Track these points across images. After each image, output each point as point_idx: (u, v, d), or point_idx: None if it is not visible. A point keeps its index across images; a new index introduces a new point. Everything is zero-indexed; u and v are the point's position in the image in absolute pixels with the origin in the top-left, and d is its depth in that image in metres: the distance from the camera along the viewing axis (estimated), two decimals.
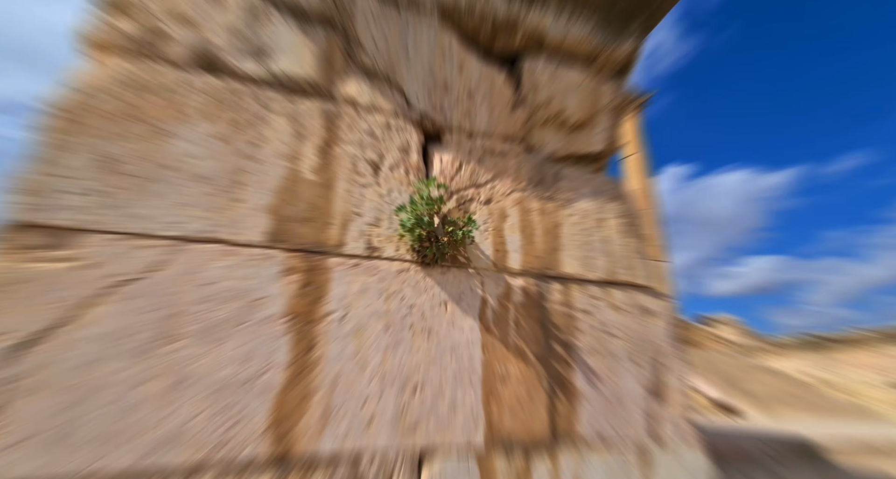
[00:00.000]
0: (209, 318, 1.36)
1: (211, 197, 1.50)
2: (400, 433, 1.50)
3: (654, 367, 2.02)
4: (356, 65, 1.96)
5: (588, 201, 2.22)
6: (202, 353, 1.32)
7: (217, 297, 1.39)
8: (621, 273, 2.14)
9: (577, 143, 2.41)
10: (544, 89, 2.36)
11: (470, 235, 1.74)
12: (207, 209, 1.48)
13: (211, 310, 1.37)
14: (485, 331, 1.76)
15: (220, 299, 1.40)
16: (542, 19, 2.40)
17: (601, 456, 1.76)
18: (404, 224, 1.66)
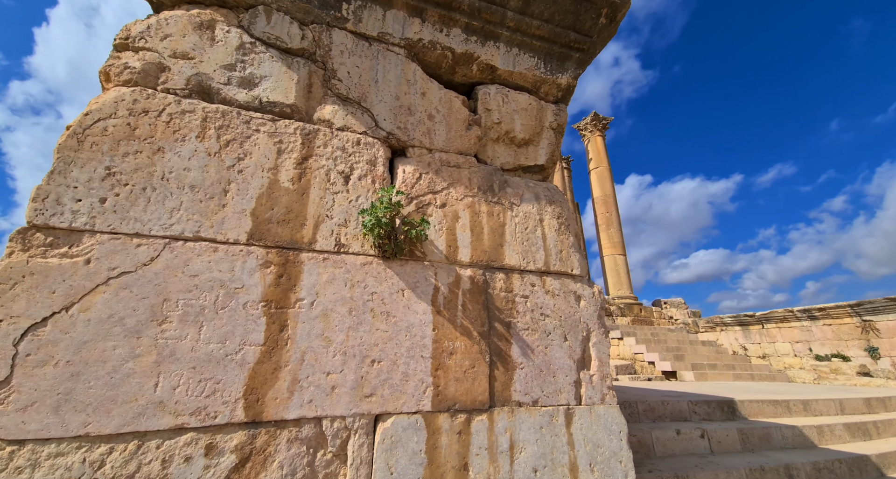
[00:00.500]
0: (194, 304, 1.36)
1: (200, 203, 1.49)
2: (359, 399, 1.50)
3: (581, 342, 2.02)
4: (332, 91, 1.94)
5: (530, 205, 2.22)
6: (186, 333, 1.32)
7: (202, 286, 1.39)
8: (556, 264, 2.14)
9: (524, 156, 2.40)
10: (496, 112, 2.35)
11: (423, 234, 1.73)
12: (196, 213, 1.47)
13: (196, 297, 1.37)
14: (436, 313, 1.76)
15: (204, 288, 1.39)
16: (494, 54, 2.40)
17: (532, 415, 1.76)
18: (366, 225, 1.66)
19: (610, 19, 2.57)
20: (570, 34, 2.55)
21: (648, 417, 4.34)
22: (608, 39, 2.76)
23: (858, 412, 5.25)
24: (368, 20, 2.11)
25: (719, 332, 17.24)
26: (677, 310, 22.89)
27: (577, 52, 2.62)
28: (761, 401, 4.86)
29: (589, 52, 2.67)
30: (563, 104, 2.66)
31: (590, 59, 2.76)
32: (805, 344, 13.89)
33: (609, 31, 2.67)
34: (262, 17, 1.89)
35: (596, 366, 2.00)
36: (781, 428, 4.18)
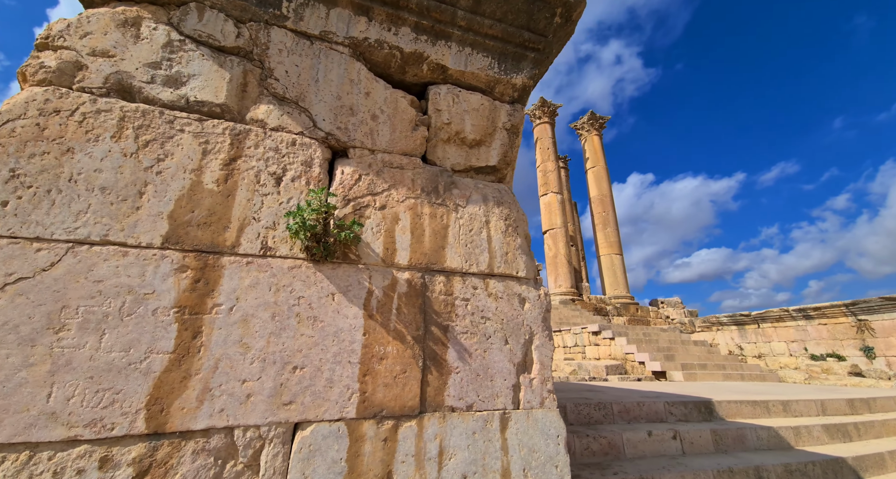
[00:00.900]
0: (96, 311, 1.32)
1: (111, 205, 1.45)
2: (276, 407, 1.46)
3: (522, 345, 1.99)
4: (269, 91, 1.91)
5: (476, 206, 2.18)
6: (85, 342, 1.28)
7: (106, 292, 1.35)
8: (501, 267, 2.10)
9: (475, 157, 2.36)
10: (445, 112, 2.31)
11: (351, 236, 1.70)
12: (106, 216, 1.43)
13: (99, 304, 1.33)
14: (368, 317, 1.72)
15: (109, 294, 1.35)
16: (445, 53, 2.37)
17: (465, 421, 1.73)
18: (290, 228, 1.62)
19: (565, 19, 2.54)
20: (524, 34, 2.52)
21: (623, 418, 4.31)
22: (566, 39, 2.73)
23: (841, 413, 5.22)
24: (311, 19, 2.08)
25: (715, 331, 17.21)
26: (674, 310, 22.90)
27: (532, 51, 2.59)
28: (740, 402, 4.83)
29: (545, 52, 2.64)
30: (520, 105, 2.62)
31: (547, 59, 2.73)
32: (800, 344, 13.86)
33: (565, 30, 2.63)
34: (194, 15, 1.85)
35: (537, 369, 1.97)
36: (757, 429, 4.14)
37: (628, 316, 20.13)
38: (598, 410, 4.29)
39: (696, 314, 23.20)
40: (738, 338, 16.03)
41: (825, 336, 13.19)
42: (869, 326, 12.42)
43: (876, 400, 5.59)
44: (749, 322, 15.72)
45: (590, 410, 4.25)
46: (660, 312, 21.95)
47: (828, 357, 12.54)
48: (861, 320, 12.61)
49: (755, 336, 15.40)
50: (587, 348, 12.21)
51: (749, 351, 15.27)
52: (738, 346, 15.94)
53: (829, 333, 13.16)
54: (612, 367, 9.99)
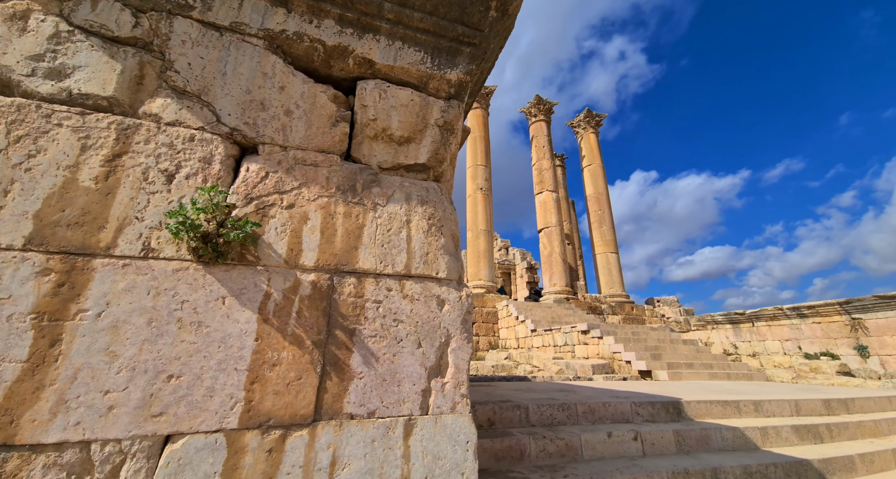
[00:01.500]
0: None
1: None
2: (143, 419, 1.38)
3: (437, 348, 1.91)
4: (168, 84, 1.82)
5: (397, 205, 2.10)
6: None
7: None
8: (419, 268, 2.02)
9: (403, 155, 2.28)
10: (371, 108, 2.23)
11: (239, 236, 1.61)
12: None
13: None
14: (263, 322, 1.64)
15: None
16: (373, 47, 2.28)
17: (364, 429, 1.65)
18: (170, 228, 1.54)
19: (501, 12, 2.46)
20: (458, 28, 2.43)
21: (588, 419, 4.24)
22: (505, 33, 2.65)
23: (816, 413, 5.13)
24: (220, 9, 1.99)
25: (710, 330, 17.13)
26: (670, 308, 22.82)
27: (467, 46, 2.50)
28: (710, 402, 4.75)
29: (482, 47, 2.55)
30: (457, 101, 2.53)
31: (486, 55, 2.65)
32: (795, 342, 13.78)
33: (503, 24, 2.55)
34: (87, 5, 1.77)
35: (451, 373, 1.89)
36: (722, 430, 4.06)
37: (623, 315, 20.06)
38: (561, 411, 4.21)
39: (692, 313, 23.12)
40: (733, 336, 15.95)
41: (819, 335, 13.11)
42: (863, 324, 12.33)
43: (854, 401, 5.50)
44: (744, 321, 15.64)
45: (553, 411, 4.17)
46: (655, 310, 21.89)
47: (822, 356, 12.46)
48: (855, 318, 12.52)
49: (750, 335, 15.33)
50: (576, 348, 12.13)
51: (744, 350, 15.20)
52: (732, 345, 15.87)
53: (823, 331, 13.07)
54: (598, 366, 9.91)
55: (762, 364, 13.71)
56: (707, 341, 16.95)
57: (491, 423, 3.90)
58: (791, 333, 13.94)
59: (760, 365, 13.71)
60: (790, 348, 13.81)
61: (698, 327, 17.72)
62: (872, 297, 12.16)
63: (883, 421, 4.94)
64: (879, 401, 5.70)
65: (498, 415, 3.95)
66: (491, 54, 2.81)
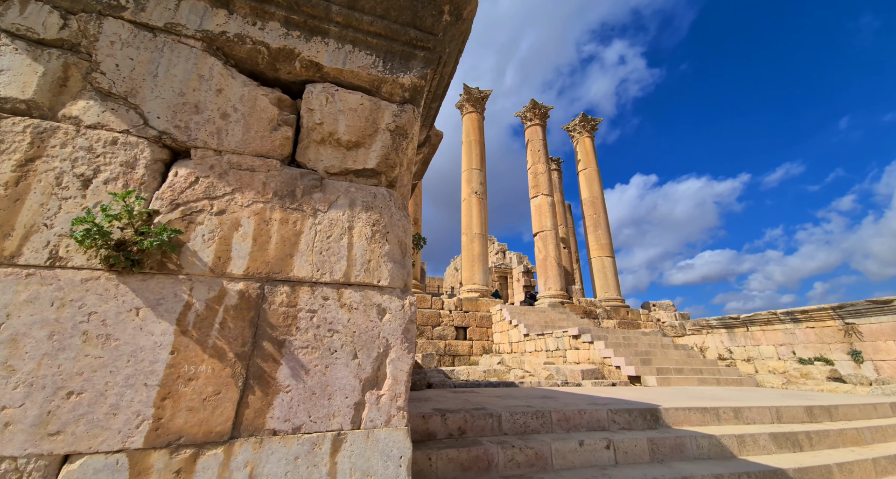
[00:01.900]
0: None
1: None
2: (40, 437, 1.30)
3: (375, 359, 1.83)
4: (93, 86, 1.76)
5: (340, 212, 2.03)
6: None
7: None
8: (360, 276, 1.94)
9: (352, 160, 2.21)
10: (318, 112, 2.16)
11: (153, 245, 1.54)
12: None
13: None
14: (181, 334, 1.56)
15: None
16: (321, 50, 2.22)
17: (287, 445, 1.57)
18: (76, 236, 1.47)
19: (455, 17, 2.40)
20: (411, 32, 2.38)
21: (562, 427, 4.15)
22: (462, 37, 2.59)
23: (798, 420, 5.03)
24: (155, 10, 1.93)
25: (705, 335, 17.03)
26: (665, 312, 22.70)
27: (422, 50, 2.45)
28: (689, 408, 4.66)
29: (437, 51, 2.50)
30: (412, 105, 2.47)
31: (444, 58, 2.60)
32: (789, 347, 13.68)
33: (459, 28, 2.49)
34: (16, 8, 1.72)
35: (388, 385, 1.81)
36: (697, 437, 3.97)
37: (618, 319, 19.95)
38: (535, 419, 4.12)
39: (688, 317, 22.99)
40: (728, 341, 15.85)
41: (813, 340, 13.01)
42: (856, 329, 12.23)
43: (838, 408, 5.40)
44: (738, 325, 15.55)
45: (526, 419, 4.09)
46: (651, 315, 21.77)
47: (816, 361, 12.36)
48: (849, 323, 12.43)
49: (744, 340, 15.23)
50: (568, 352, 12.03)
51: (738, 355, 15.09)
52: (727, 349, 15.76)
53: (816, 336, 12.97)
54: (587, 371, 9.80)
55: (757, 369, 13.61)
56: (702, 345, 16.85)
57: (462, 432, 3.81)
58: (785, 337, 13.84)
59: (755, 370, 13.62)
60: (784, 353, 13.71)
61: (693, 331, 17.62)
62: (865, 302, 12.07)
63: (866, 429, 4.84)
64: (864, 408, 5.60)
65: (469, 423, 3.87)
66: (449, 58, 2.75)
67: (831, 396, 7.14)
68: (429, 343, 15.34)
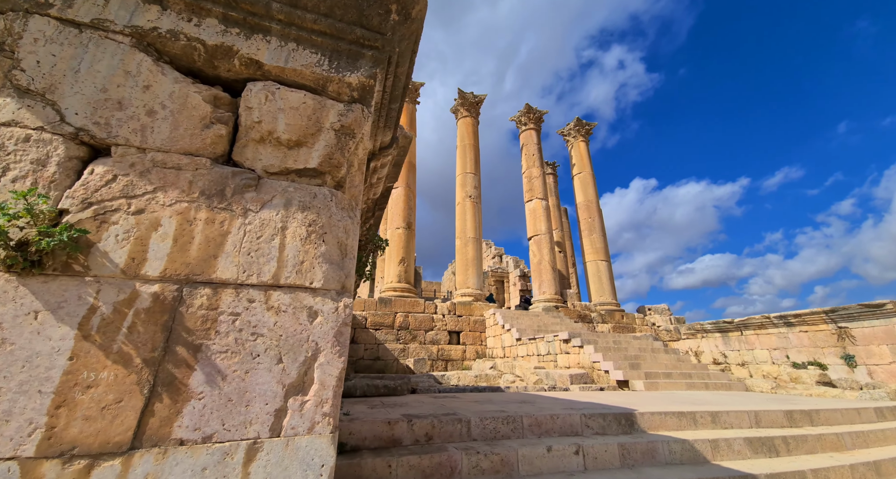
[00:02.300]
0: None
1: None
2: None
3: (301, 364, 1.75)
4: (12, 83, 1.69)
5: (273, 211, 1.96)
6: None
7: None
8: (291, 277, 1.87)
9: (293, 159, 2.14)
10: (256, 110, 2.10)
11: (49, 245, 1.46)
12: None
13: None
14: (83, 338, 1.48)
15: None
16: (261, 48, 2.17)
17: (194, 455, 1.49)
18: None
19: (403, 16, 2.35)
20: (357, 30, 2.32)
21: (534, 432, 4.06)
22: (413, 37, 2.53)
23: (777, 425, 4.94)
24: (83, 6, 1.87)
25: (700, 339, 16.92)
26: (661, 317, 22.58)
27: (370, 49, 2.40)
28: (665, 413, 4.57)
29: (386, 50, 2.44)
30: (361, 105, 2.40)
31: (395, 58, 2.56)
32: (783, 351, 13.58)
33: (409, 28, 2.44)
34: None
35: (315, 390, 1.73)
36: (670, 442, 3.88)
37: (613, 323, 19.83)
38: (506, 424, 4.03)
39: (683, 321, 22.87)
40: (723, 346, 15.73)
41: (807, 344, 12.91)
42: (849, 333, 12.13)
43: (819, 412, 5.31)
44: (732, 329, 15.44)
45: (497, 424, 4.00)
46: (646, 319, 21.67)
47: (809, 365, 12.25)
48: (841, 327, 12.33)
49: (738, 344, 15.11)
50: (559, 357, 11.93)
51: (733, 359, 14.99)
52: (722, 354, 15.65)
53: (810, 340, 12.87)
54: (576, 376, 9.71)
55: (751, 374, 13.50)
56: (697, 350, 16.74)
57: (429, 438, 3.72)
58: (779, 342, 13.74)
59: (749, 375, 13.51)
60: (779, 358, 13.61)
61: (688, 335, 17.51)
62: (857, 305, 11.98)
63: (846, 434, 4.74)
64: (847, 413, 5.51)
65: (437, 429, 3.78)
66: (402, 58, 2.69)
67: (817, 400, 7.03)
68: (421, 348, 15.23)
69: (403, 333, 15.39)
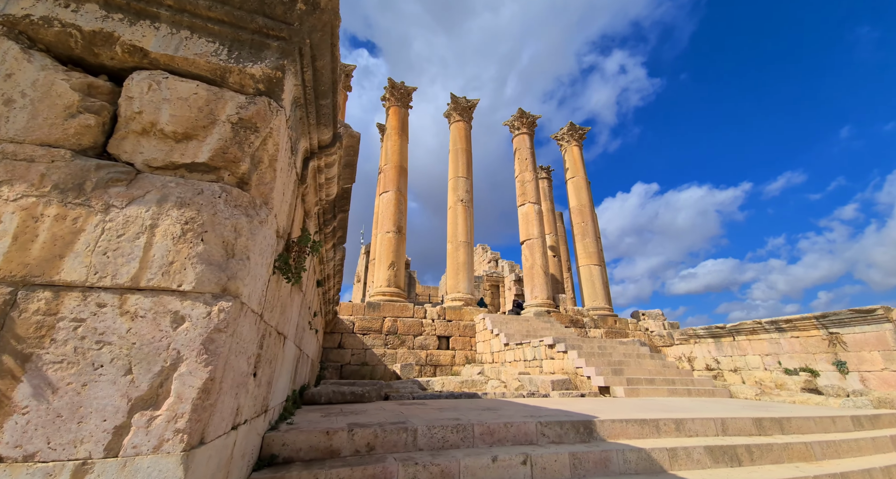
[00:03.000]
0: None
1: None
2: None
3: (156, 375, 1.59)
4: None
5: (143, 208, 1.80)
6: None
7: None
8: (155, 279, 1.71)
9: (180, 153, 2.00)
10: (138, 100, 1.95)
11: None
12: None
13: None
14: None
15: None
16: (148, 35, 2.03)
17: (14, 475, 1.33)
18: None
19: (311, 6, 2.23)
20: (259, 19, 2.19)
21: (485, 441, 3.87)
22: (327, 28, 2.41)
23: (745, 433, 4.74)
24: None
25: (693, 344, 16.65)
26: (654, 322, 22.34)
27: (276, 40, 2.27)
28: (627, 420, 4.38)
29: (294, 42, 2.31)
30: (268, 98, 2.26)
31: (310, 50, 2.42)
32: (775, 357, 13.31)
33: (319, 18, 2.31)
34: None
35: (169, 404, 1.56)
36: (625, 451, 3.70)
37: (606, 328, 19.59)
38: (455, 433, 3.85)
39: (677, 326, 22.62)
40: (715, 351, 15.47)
41: (798, 350, 12.65)
42: (841, 339, 11.88)
43: (791, 420, 5.10)
44: (724, 335, 15.18)
45: (445, 433, 3.82)
46: (640, 324, 21.42)
47: (801, 372, 12.00)
48: (832, 333, 12.07)
49: (731, 349, 14.85)
50: (544, 362, 11.72)
51: (725, 365, 14.72)
52: (714, 359, 15.39)
53: (801, 346, 12.61)
54: (557, 382, 9.49)
55: (743, 380, 13.26)
56: (690, 355, 16.47)
57: (370, 448, 3.54)
58: (771, 347, 13.49)
59: (742, 381, 13.26)
60: (771, 364, 13.35)
61: (681, 341, 17.25)
62: (848, 311, 11.74)
63: (817, 444, 4.54)
64: (821, 421, 5.30)
65: (380, 439, 3.60)
66: (319, 51, 2.55)
67: (794, 407, 6.82)
68: (409, 353, 15.03)
69: (392, 338, 15.19)
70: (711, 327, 15.68)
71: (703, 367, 15.40)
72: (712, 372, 14.60)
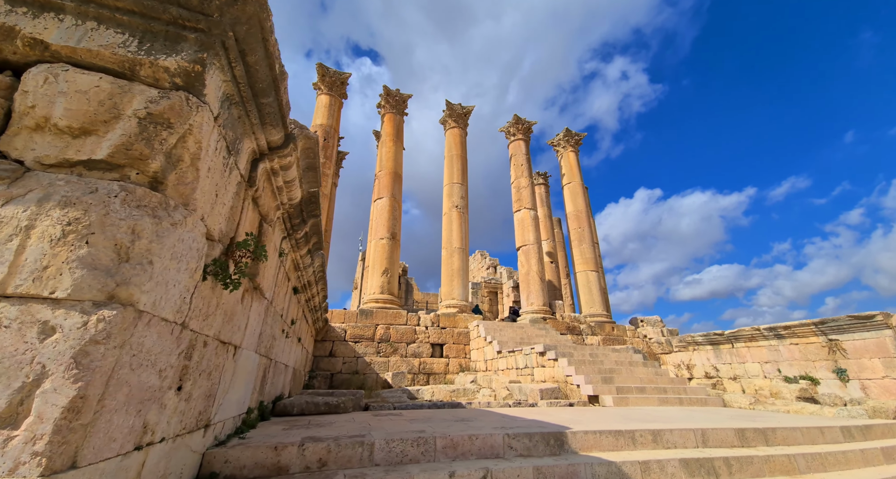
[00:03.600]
0: None
1: None
2: None
3: (15, 392, 1.43)
4: None
5: (21, 207, 1.66)
6: None
7: None
8: (23, 285, 1.56)
9: (76, 149, 1.86)
10: (32, 94, 1.83)
11: None
12: None
13: None
14: None
15: None
16: (49, 27, 1.91)
17: None
18: None
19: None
20: (173, 10, 2.07)
21: (448, 455, 3.69)
22: (253, 21, 2.29)
23: (727, 444, 4.53)
24: None
25: (692, 352, 16.37)
26: (653, 329, 22.07)
27: (192, 32, 2.14)
28: (600, 432, 4.18)
29: (215, 34, 2.19)
30: (186, 93, 2.12)
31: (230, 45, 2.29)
32: (774, 365, 13.04)
33: (242, 10, 2.18)
34: None
35: (28, 424, 1.41)
36: (595, 465, 3.50)
37: (603, 335, 19.32)
38: (416, 446, 3.67)
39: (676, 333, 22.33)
40: (714, 359, 15.19)
41: (798, 357, 12.39)
42: (840, 346, 11.62)
43: (776, 431, 4.89)
44: (723, 342, 14.91)
45: (405, 446, 3.63)
46: (638, 331, 21.15)
47: (801, 380, 11.72)
48: (832, 340, 11.81)
49: (730, 357, 14.57)
50: (535, 370, 11.49)
51: (724, 373, 14.45)
52: (714, 367, 15.10)
53: (801, 353, 12.35)
54: (546, 391, 9.27)
55: (743, 388, 12.98)
56: (689, 363, 16.19)
57: (322, 464, 3.37)
58: (770, 355, 13.22)
59: (742, 389, 12.99)
60: (770, 371, 13.08)
61: (680, 348, 16.98)
62: (847, 317, 11.49)
63: (801, 456, 4.33)
64: (809, 432, 5.08)
65: (333, 454, 3.42)
66: (248, 46, 2.42)
67: (786, 417, 6.59)
68: (402, 361, 14.82)
69: (384, 345, 14.99)
70: (710, 334, 15.41)
71: (702, 375, 15.13)
72: (711, 380, 14.34)
